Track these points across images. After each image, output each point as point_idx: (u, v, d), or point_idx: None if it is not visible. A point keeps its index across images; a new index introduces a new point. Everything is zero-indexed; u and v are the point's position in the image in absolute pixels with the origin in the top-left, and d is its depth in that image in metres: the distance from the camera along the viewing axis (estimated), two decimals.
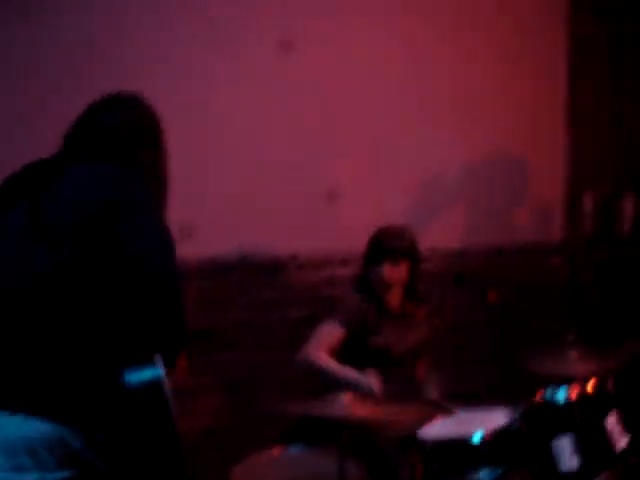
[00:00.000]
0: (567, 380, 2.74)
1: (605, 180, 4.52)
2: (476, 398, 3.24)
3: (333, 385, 2.95)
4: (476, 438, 2.67)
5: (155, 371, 1.80)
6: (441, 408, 3.09)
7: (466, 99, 4.16)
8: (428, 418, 2.91)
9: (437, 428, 2.87)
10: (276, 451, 2.86)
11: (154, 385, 1.79)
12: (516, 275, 4.43)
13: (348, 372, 3.07)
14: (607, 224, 4.48)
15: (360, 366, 3.20)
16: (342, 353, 3.20)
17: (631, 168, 3.54)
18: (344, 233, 3.92)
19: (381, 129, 3.98)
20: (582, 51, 4.43)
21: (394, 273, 3.20)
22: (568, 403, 2.65)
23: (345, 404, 2.52)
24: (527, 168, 4.42)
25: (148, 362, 1.80)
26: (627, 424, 2.72)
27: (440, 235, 4.09)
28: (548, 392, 2.72)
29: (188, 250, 2.26)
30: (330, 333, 3.18)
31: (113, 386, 1.76)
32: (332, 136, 3.87)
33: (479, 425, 2.76)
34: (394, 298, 3.28)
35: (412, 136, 4.04)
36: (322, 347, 3.16)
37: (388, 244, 3.22)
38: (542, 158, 4.44)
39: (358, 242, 3.90)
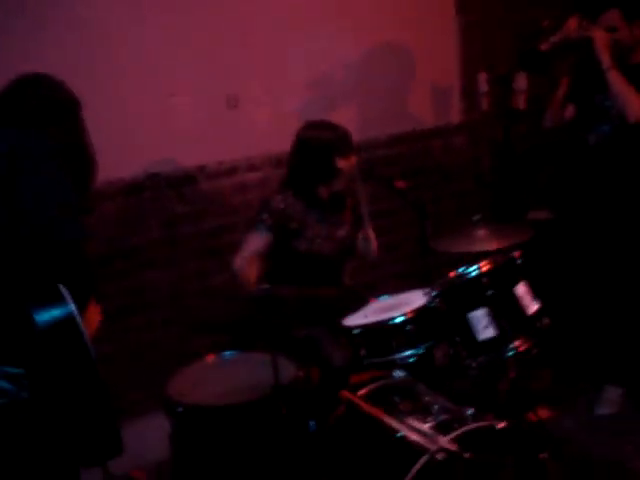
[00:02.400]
0: (477, 257, 2.89)
1: (497, 61, 4.62)
2: (393, 283, 3.37)
3: None
4: (399, 320, 2.81)
5: (66, 308, 1.88)
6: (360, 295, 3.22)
7: None
8: (350, 305, 3.05)
9: (361, 315, 3.01)
10: (209, 358, 2.94)
11: (65, 320, 1.88)
12: (420, 160, 4.55)
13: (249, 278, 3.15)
14: (502, 102, 4.61)
15: (289, 270, 3.30)
16: (270, 258, 3.29)
17: (521, 48, 3.63)
18: (247, 138, 3.93)
19: (271, 34, 3.94)
20: None
21: (349, 165, 3.24)
22: (480, 277, 2.79)
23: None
24: (421, 55, 4.46)
25: (57, 299, 1.88)
26: (536, 291, 2.90)
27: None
28: (460, 270, 2.87)
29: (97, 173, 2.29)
30: (255, 240, 3.25)
31: (24, 323, 1.85)
32: (227, 44, 3.81)
33: (400, 308, 2.92)
34: (324, 192, 3.33)
35: (301, 36, 4.02)
36: (247, 255, 3.24)
37: (342, 138, 3.24)
38: (435, 44, 4.49)
39: (261, 146, 3.95)
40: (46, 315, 1.84)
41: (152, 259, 3.78)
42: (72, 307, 1.87)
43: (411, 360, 2.82)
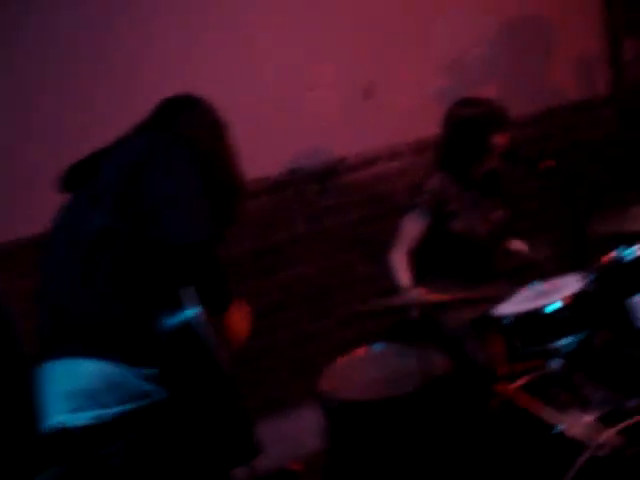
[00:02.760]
0: (634, 237, 2.73)
1: None
2: (547, 268, 3.24)
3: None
4: (554, 307, 2.69)
5: (187, 313, 1.88)
6: (511, 288, 3.12)
7: None
8: (499, 297, 2.95)
9: (514, 303, 2.91)
10: (361, 351, 2.94)
11: (186, 326, 1.88)
12: (568, 136, 4.35)
13: (402, 282, 3.08)
14: None
15: (443, 252, 3.24)
16: (427, 241, 3.22)
17: None
18: (387, 126, 3.90)
19: (409, 17, 3.87)
20: None
21: (505, 140, 3.16)
22: (638, 260, 2.63)
23: (419, 294, 2.57)
24: (563, 27, 4.26)
25: (180, 306, 1.89)
26: None
27: None
28: (618, 252, 2.71)
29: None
30: (413, 228, 3.19)
31: (153, 328, 1.87)
32: (365, 32, 3.79)
33: (555, 294, 2.80)
34: (478, 172, 3.25)
35: (439, 16, 3.93)
36: (405, 245, 3.18)
37: (497, 113, 3.17)
38: (577, 14, 4.28)
39: (402, 133, 3.90)
40: (167, 321, 1.87)
41: (299, 254, 3.82)
42: (191, 312, 1.87)
43: (569, 349, 2.70)
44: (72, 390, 1.87)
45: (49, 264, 2.03)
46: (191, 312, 1.88)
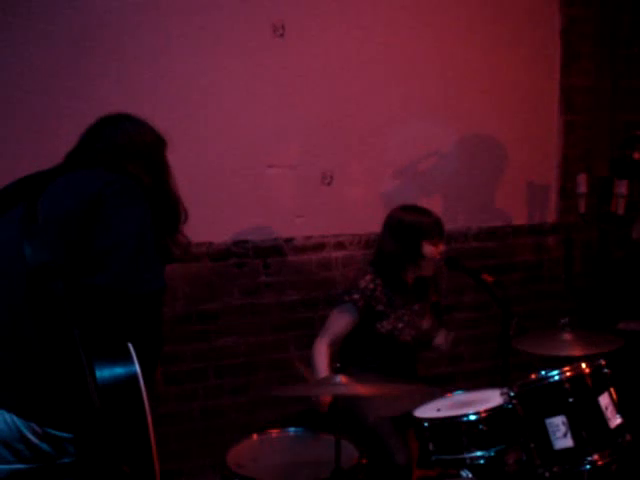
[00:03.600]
0: (561, 361, 2.77)
1: (598, 163, 4.53)
2: (472, 378, 3.27)
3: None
4: (472, 417, 2.70)
5: (130, 367, 1.75)
6: (435, 389, 3.13)
7: (456, 85, 4.16)
8: (423, 398, 2.96)
9: (433, 408, 2.91)
10: (274, 432, 2.89)
11: (128, 382, 1.74)
12: (511, 257, 4.45)
13: (321, 371, 3.10)
14: (600, 206, 4.49)
15: (366, 349, 3.27)
16: (351, 335, 3.26)
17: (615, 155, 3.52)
18: (338, 216, 3.95)
19: (371, 116, 3.99)
20: (576, 32, 4.42)
21: (437, 252, 3.24)
22: (562, 383, 2.66)
23: (341, 383, 2.55)
24: (520, 151, 4.42)
25: (123, 357, 1.76)
26: (620, 404, 2.75)
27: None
28: (543, 372, 2.75)
29: (185, 233, 2.28)
30: (342, 322, 3.23)
31: (80, 382, 1.72)
32: (327, 124, 3.88)
33: (475, 405, 2.81)
34: (410, 276, 3.32)
35: (400, 123, 4.06)
36: (329, 337, 3.22)
37: (433, 224, 3.24)
38: (536, 141, 4.45)
39: (351, 225, 3.95)
40: (107, 372, 1.73)
41: (230, 325, 3.78)
42: (136, 367, 1.75)
43: (481, 462, 2.69)
44: None
45: None
46: (133, 366, 1.74)
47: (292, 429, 2.91)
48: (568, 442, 2.61)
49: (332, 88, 3.88)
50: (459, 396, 3.06)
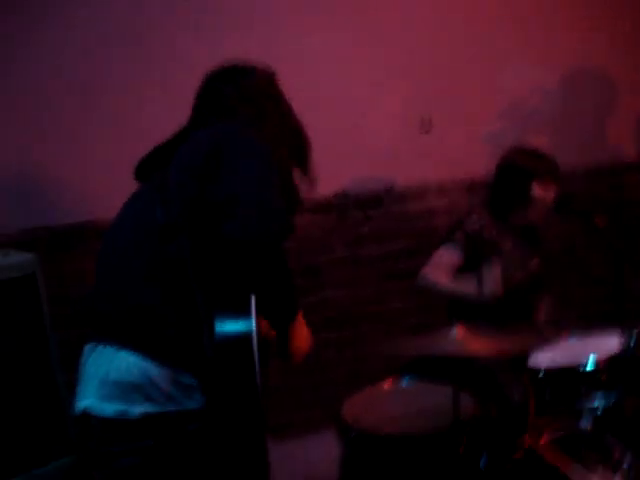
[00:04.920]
0: None
1: None
2: (587, 323, 3.17)
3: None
4: (590, 365, 2.63)
5: (248, 323, 1.78)
6: (552, 335, 3.05)
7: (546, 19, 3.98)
8: (539, 345, 2.88)
9: (549, 356, 2.84)
10: (387, 384, 2.88)
11: (243, 337, 1.77)
12: (619, 196, 4.28)
13: (465, 288, 3.08)
14: None
15: None
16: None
17: None
18: (439, 162, 3.86)
19: (476, 61, 3.87)
20: None
21: (549, 194, 3.15)
22: None
23: (456, 339, 2.51)
24: (625, 85, 4.22)
25: (244, 312, 1.79)
26: None
27: None
28: None
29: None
30: (448, 257, 3.17)
31: (204, 334, 1.79)
32: (425, 67, 3.78)
33: (592, 351, 2.73)
34: (519, 222, 3.24)
35: (504, 65, 3.93)
36: (440, 269, 3.17)
37: (546, 164, 3.16)
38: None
39: (453, 170, 3.87)
40: (227, 326, 1.78)
41: (333, 278, 3.78)
42: (253, 324, 1.77)
43: (600, 410, 2.62)
44: (107, 378, 1.82)
45: (112, 249, 1.97)
46: (248, 323, 1.78)
47: (404, 380, 2.89)
48: None
49: (433, 34, 3.78)
50: (574, 341, 2.98)
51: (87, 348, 1.92)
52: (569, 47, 4.04)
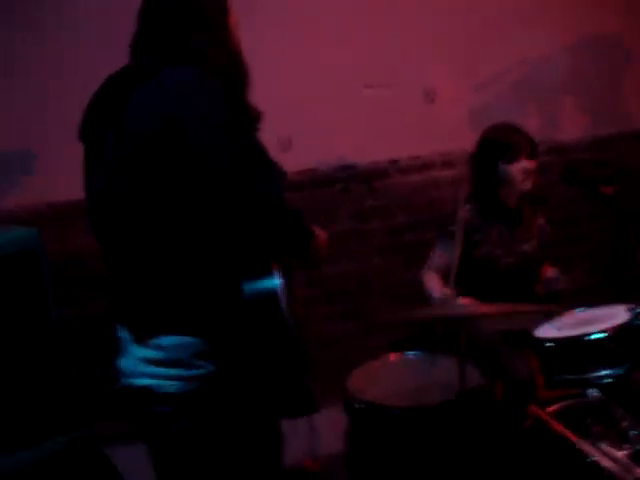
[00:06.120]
0: None
1: None
2: (593, 295, 3.15)
3: None
4: (598, 336, 2.60)
5: (272, 281, 1.82)
6: (553, 307, 3.03)
7: None
8: (545, 317, 2.86)
9: (553, 327, 2.83)
10: (392, 357, 2.87)
11: (269, 295, 1.82)
12: (630, 164, 4.23)
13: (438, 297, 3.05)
14: None
15: (472, 278, 3.17)
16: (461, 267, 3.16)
17: None
18: (444, 133, 3.82)
19: (474, 27, 3.81)
20: None
21: (531, 170, 3.12)
22: None
23: (462, 304, 2.50)
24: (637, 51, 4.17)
25: (267, 273, 1.83)
26: None
27: (545, 127, 3.95)
28: None
29: (288, 162, 2.19)
30: (441, 253, 3.17)
31: (233, 296, 1.81)
32: (426, 39, 3.73)
33: (598, 323, 2.71)
34: (512, 197, 3.19)
35: (515, 30, 3.88)
36: (433, 267, 3.19)
37: (521, 140, 3.12)
38: None
39: (458, 141, 3.82)
40: (254, 286, 1.81)
41: (338, 251, 3.75)
42: (278, 282, 1.81)
43: (607, 381, 2.60)
44: (155, 357, 1.83)
45: (110, 236, 1.92)
46: (275, 280, 1.82)
47: (410, 352, 2.88)
48: None
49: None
50: (580, 313, 2.96)
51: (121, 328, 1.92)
52: (585, 12, 3.99)
